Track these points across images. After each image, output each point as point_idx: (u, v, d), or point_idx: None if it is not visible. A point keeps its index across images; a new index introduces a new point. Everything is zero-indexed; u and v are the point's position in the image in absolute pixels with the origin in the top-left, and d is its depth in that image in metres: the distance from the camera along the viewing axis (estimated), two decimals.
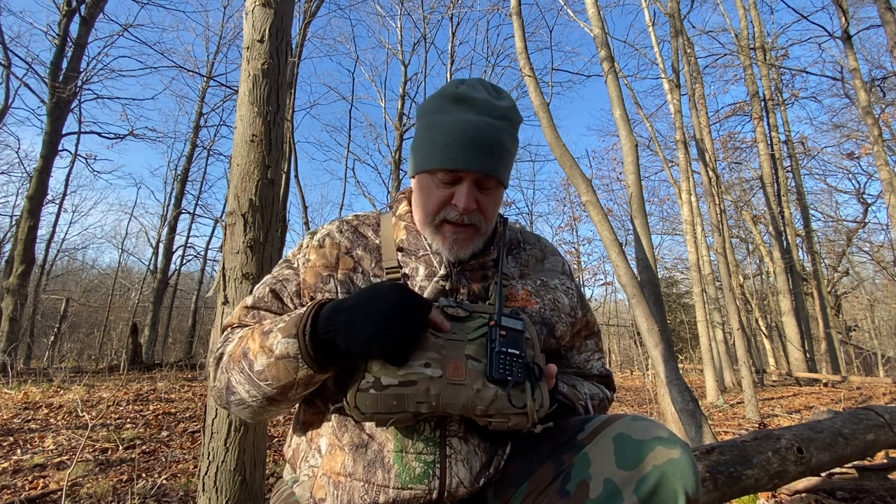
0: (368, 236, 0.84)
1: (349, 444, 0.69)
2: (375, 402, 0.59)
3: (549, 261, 0.90)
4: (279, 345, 0.65)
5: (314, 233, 0.86)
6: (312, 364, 0.64)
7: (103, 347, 13.90)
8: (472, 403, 0.60)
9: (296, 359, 0.64)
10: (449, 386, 0.60)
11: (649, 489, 0.56)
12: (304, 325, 0.65)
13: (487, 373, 0.61)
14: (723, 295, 8.83)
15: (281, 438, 3.87)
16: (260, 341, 0.68)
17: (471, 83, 0.77)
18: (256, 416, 0.75)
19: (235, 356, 0.71)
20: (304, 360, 0.64)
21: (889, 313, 18.11)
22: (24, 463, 2.96)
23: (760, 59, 11.47)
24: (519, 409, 0.60)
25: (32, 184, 9.12)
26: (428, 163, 0.75)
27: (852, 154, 13.31)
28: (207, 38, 17.55)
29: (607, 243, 3.59)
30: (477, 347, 0.63)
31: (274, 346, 0.66)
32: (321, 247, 0.82)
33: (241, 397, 0.71)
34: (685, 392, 3.16)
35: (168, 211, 16.23)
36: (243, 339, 0.73)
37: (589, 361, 0.89)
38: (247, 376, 0.69)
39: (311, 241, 0.84)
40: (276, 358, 0.65)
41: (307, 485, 0.72)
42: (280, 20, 1.92)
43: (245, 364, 0.69)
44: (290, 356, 0.65)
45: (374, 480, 0.66)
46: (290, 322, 0.67)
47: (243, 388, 0.70)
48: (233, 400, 0.72)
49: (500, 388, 0.60)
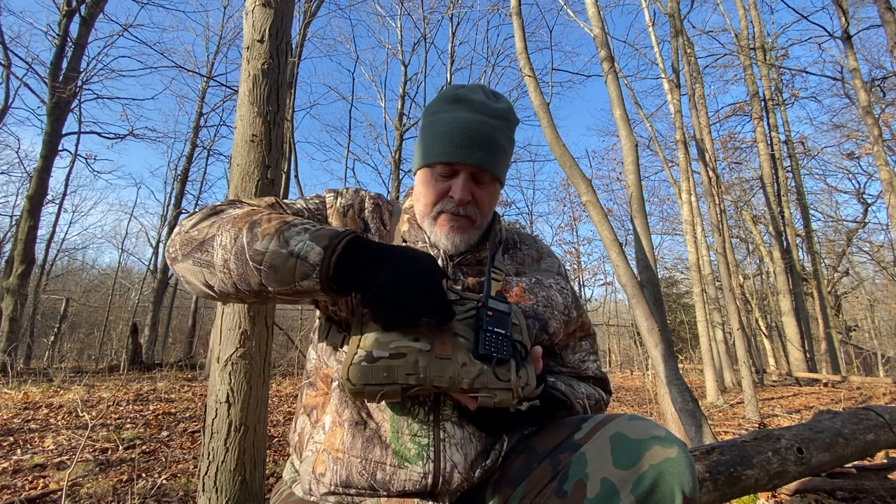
0: (385, 220, 0.87)
1: (349, 421, 0.71)
2: (367, 373, 0.60)
3: (545, 262, 0.92)
4: (301, 243, 0.61)
5: (338, 194, 0.87)
6: (326, 282, 0.61)
7: (103, 347, 13.90)
8: (458, 377, 0.61)
9: (313, 267, 0.60)
10: (436, 360, 0.61)
11: (646, 488, 0.56)
12: (339, 244, 0.62)
13: (474, 350, 0.63)
14: (723, 295, 8.83)
15: (281, 438, 3.86)
16: (278, 226, 0.63)
17: (470, 87, 0.81)
18: (211, 290, 0.67)
19: (240, 222, 0.66)
20: (320, 276, 0.60)
21: (889, 313, 18.10)
22: (24, 463, 2.95)
23: (760, 59, 11.47)
24: (504, 384, 0.62)
25: (32, 184, 9.12)
26: (426, 157, 0.79)
27: (852, 154, 13.32)
28: (207, 38, 17.56)
29: (607, 243, 3.59)
30: (465, 327, 0.65)
31: (294, 241, 0.62)
32: (344, 216, 0.84)
33: (211, 260, 0.64)
34: (685, 392, 3.15)
35: (168, 211, 16.24)
36: (258, 212, 0.68)
37: (584, 362, 0.90)
38: (239, 247, 0.63)
39: (336, 203, 0.85)
40: (290, 253, 0.61)
41: (310, 460, 0.73)
42: (280, 20, 1.92)
43: (246, 235, 0.63)
44: (307, 261, 0.61)
45: (372, 457, 0.68)
46: (324, 231, 0.63)
47: (224, 254, 0.64)
48: (199, 257, 0.66)
49: (486, 364, 0.62)
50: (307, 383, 0.82)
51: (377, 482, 0.67)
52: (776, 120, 12.62)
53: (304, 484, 0.73)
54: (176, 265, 0.69)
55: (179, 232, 0.70)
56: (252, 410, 1.66)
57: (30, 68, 9.97)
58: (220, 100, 16.04)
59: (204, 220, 0.69)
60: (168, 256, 0.70)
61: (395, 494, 0.67)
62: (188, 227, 0.69)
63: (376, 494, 0.68)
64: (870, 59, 13.31)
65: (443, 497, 0.69)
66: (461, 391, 0.62)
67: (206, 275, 0.66)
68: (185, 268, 0.68)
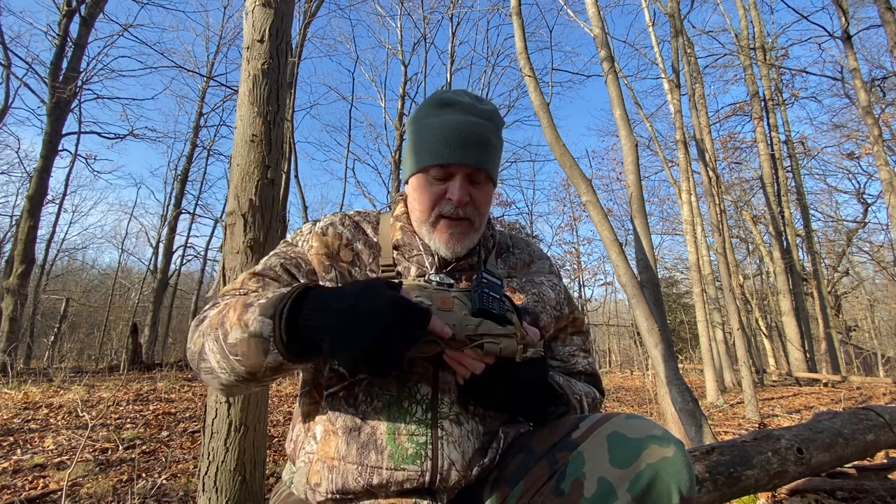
0: (368, 232, 0.86)
1: (342, 429, 0.71)
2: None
3: (536, 264, 0.94)
4: (255, 322, 0.62)
5: (315, 221, 0.88)
6: (284, 352, 0.61)
7: (103, 347, 13.92)
8: (462, 323, 0.63)
9: (267, 341, 0.61)
10: (439, 311, 0.64)
11: (643, 487, 0.56)
12: (283, 308, 0.61)
13: (472, 309, 0.66)
14: (723, 295, 8.83)
15: (281, 438, 3.87)
16: (239, 313, 0.66)
17: (455, 91, 0.82)
18: (226, 388, 0.71)
19: (214, 323, 0.69)
20: (276, 346, 0.61)
21: (889, 313, 18.10)
22: (24, 463, 2.95)
23: (760, 59, 11.47)
24: (506, 330, 0.65)
25: (32, 184, 9.12)
26: (420, 162, 0.79)
27: (852, 154, 13.32)
28: (207, 38, 17.56)
29: (607, 243, 3.59)
30: (462, 295, 0.69)
31: (250, 321, 0.63)
32: (324, 235, 0.83)
33: (210, 366, 0.68)
34: (685, 392, 3.15)
35: (168, 211, 16.24)
36: (227, 306, 0.70)
37: (574, 356, 0.91)
38: (220, 346, 0.66)
39: (314, 228, 0.85)
40: (250, 335, 0.62)
41: (303, 471, 0.73)
42: (280, 20, 1.92)
43: (220, 333, 0.66)
44: (262, 336, 0.62)
45: (368, 462, 0.68)
46: (270, 300, 0.64)
47: (214, 357, 0.67)
48: (203, 367, 0.70)
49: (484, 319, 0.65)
50: (304, 392, 0.82)
51: (373, 486, 0.67)
52: (776, 120, 12.62)
53: (299, 493, 0.74)
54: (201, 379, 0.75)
55: (186, 349, 0.76)
56: (252, 410, 1.66)
57: (30, 68, 9.99)
58: (220, 100, 16.08)
59: (195, 333, 0.73)
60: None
61: (393, 494, 0.68)
62: (188, 342, 0.74)
63: (373, 497, 0.68)
64: (870, 59, 13.32)
65: (440, 495, 0.69)
66: (466, 339, 0.63)
67: (214, 380, 0.70)
68: (203, 379, 0.73)
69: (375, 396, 0.72)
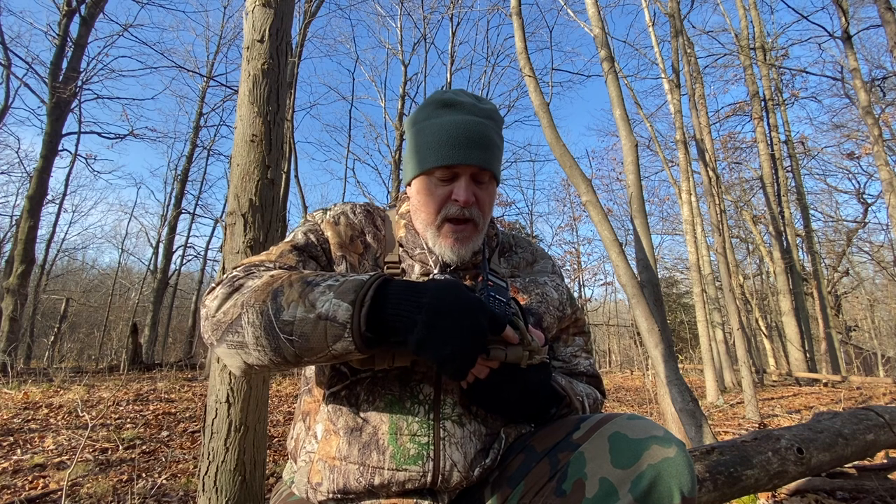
0: (378, 225, 0.86)
1: (344, 428, 0.71)
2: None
3: (539, 264, 0.94)
4: (328, 303, 0.58)
5: (326, 209, 0.86)
6: (359, 341, 0.57)
7: (103, 347, 13.91)
8: None
9: (343, 327, 0.57)
10: None
11: (644, 488, 0.56)
12: (365, 296, 0.58)
13: None
14: (723, 295, 8.83)
15: (281, 438, 3.87)
16: (301, 289, 0.60)
17: (454, 91, 0.82)
18: (248, 369, 0.65)
19: (260, 292, 0.62)
20: (352, 334, 0.57)
21: (889, 313, 18.09)
22: (24, 463, 2.95)
23: (760, 59, 11.47)
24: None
25: (32, 184, 9.13)
26: (424, 163, 0.78)
27: (852, 154, 13.32)
28: (207, 38, 17.56)
29: (607, 243, 3.59)
30: None
31: (319, 301, 0.58)
32: (336, 224, 0.83)
33: (243, 340, 0.62)
34: (685, 392, 3.15)
35: (168, 211, 16.25)
36: (277, 279, 0.64)
37: (576, 357, 0.91)
38: (266, 321, 0.60)
39: (326, 216, 0.84)
40: (318, 316, 0.57)
41: (304, 471, 0.73)
42: (280, 20, 1.92)
43: (271, 307, 0.60)
44: (336, 321, 0.57)
45: (369, 462, 0.67)
46: (348, 283, 0.60)
47: (254, 332, 0.60)
48: (231, 340, 0.63)
49: None
50: (306, 389, 0.82)
51: (375, 487, 0.67)
52: (776, 120, 12.62)
53: (300, 493, 0.73)
54: (214, 350, 0.67)
55: (207, 316, 0.67)
56: (252, 410, 1.66)
57: (30, 68, 9.99)
58: (220, 100, 16.10)
59: (227, 300, 0.65)
60: (205, 342, 0.68)
61: (394, 494, 0.68)
62: (214, 309, 0.66)
63: (375, 497, 0.68)
64: (870, 59, 13.33)
65: (441, 495, 0.69)
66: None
67: (242, 356, 0.64)
68: (221, 352, 0.66)
69: (377, 396, 0.72)
